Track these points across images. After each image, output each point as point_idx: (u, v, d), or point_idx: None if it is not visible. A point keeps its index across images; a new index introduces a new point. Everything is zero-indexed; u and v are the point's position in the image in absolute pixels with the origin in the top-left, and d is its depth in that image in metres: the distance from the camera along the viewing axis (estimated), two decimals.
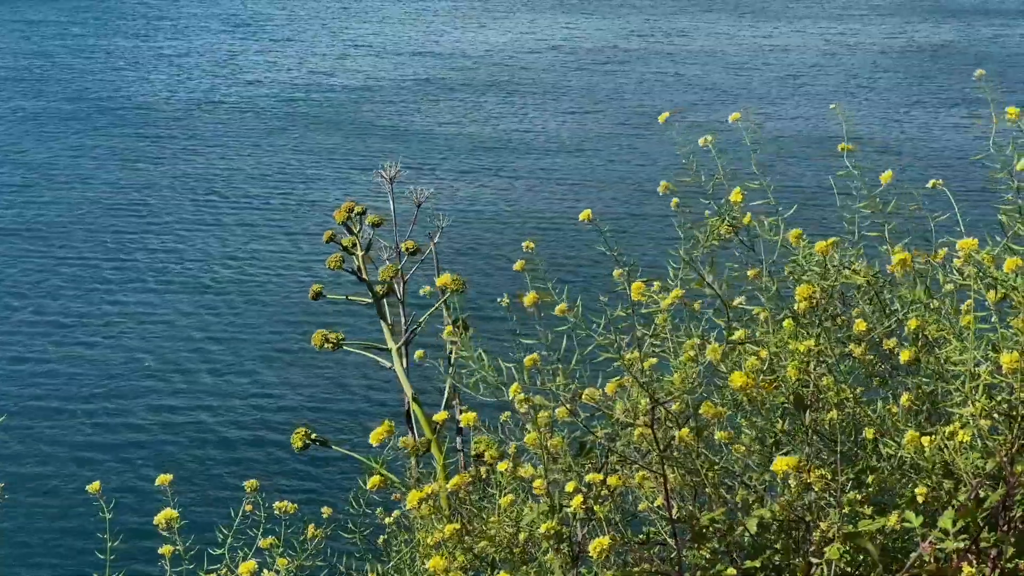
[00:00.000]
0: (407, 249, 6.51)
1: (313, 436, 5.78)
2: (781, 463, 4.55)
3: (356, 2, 64.82)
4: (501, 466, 4.77)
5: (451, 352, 6.06)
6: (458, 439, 6.56)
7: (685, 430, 4.83)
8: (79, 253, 27.64)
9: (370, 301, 6.36)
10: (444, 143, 37.12)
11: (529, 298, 4.51)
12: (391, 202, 7.31)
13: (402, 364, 6.24)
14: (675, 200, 5.23)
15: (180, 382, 21.29)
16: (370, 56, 50.93)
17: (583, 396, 4.87)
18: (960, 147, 35.33)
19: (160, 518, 5.37)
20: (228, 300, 24.98)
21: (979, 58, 47.99)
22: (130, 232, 29.06)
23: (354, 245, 6.37)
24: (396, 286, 6.47)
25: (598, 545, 4.43)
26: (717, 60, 49.15)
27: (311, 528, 5.78)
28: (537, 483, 4.90)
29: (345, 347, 6.14)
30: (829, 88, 43.56)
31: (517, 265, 4.74)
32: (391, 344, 6.26)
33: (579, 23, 58.53)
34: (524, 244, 5.13)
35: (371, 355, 6.35)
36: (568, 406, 4.72)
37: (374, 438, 5.13)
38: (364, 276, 6.33)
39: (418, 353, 6.07)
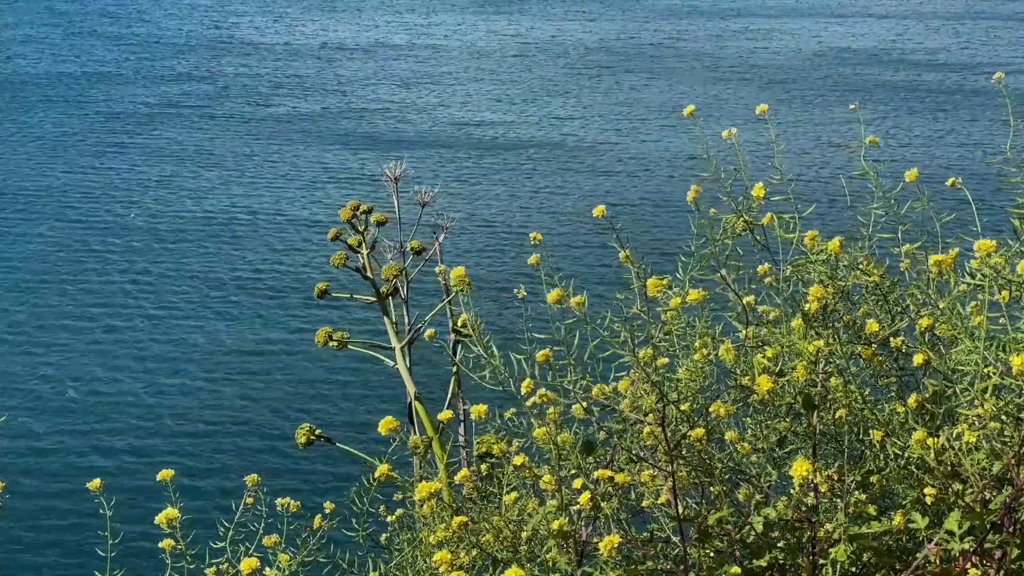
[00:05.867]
0: (412, 248, 6.47)
1: (317, 432, 5.77)
2: (799, 468, 4.52)
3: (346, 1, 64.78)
4: (517, 460, 4.75)
5: (456, 342, 6.04)
6: (461, 436, 6.53)
7: (700, 430, 4.80)
8: (79, 253, 27.59)
9: (374, 300, 6.32)
10: (445, 142, 37.09)
11: (553, 294, 4.48)
12: (395, 201, 7.26)
13: (405, 363, 6.21)
14: (696, 188, 5.17)
15: (181, 379, 21.26)
16: (359, 54, 50.85)
17: (594, 392, 4.85)
18: (958, 150, 35.35)
19: (161, 518, 5.35)
20: (229, 298, 24.96)
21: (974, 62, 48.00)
22: (129, 232, 29.01)
23: (360, 244, 6.32)
24: (400, 286, 6.42)
25: (608, 543, 4.41)
26: (711, 62, 49.12)
27: (318, 519, 5.77)
28: (546, 478, 4.88)
29: (349, 346, 6.10)
30: (822, 91, 43.55)
31: (532, 259, 4.71)
32: (395, 343, 6.22)
33: (576, 22, 58.49)
34: (531, 236, 5.07)
35: (375, 354, 6.32)
36: (583, 403, 4.70)
37: (383, 427, 5.11)
38: (369, 274, 6.29)
39: (428, 332, 5.97)
